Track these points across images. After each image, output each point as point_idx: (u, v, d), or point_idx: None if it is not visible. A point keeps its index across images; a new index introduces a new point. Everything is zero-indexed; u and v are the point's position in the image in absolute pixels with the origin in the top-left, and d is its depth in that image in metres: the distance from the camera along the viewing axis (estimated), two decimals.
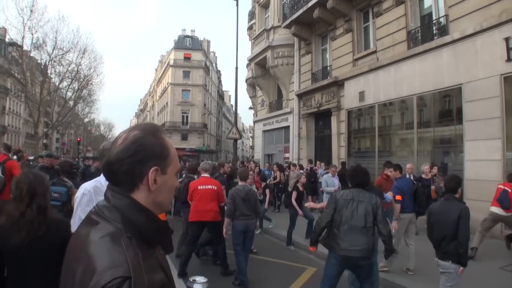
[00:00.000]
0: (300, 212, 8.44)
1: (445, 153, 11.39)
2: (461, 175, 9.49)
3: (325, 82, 16.14)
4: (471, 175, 9.62)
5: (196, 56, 60.56)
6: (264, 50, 20.71)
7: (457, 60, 10.29)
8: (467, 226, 4.16)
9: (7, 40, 33.16)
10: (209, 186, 6.61)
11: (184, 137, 56.03)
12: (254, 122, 24.59)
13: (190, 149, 52.70)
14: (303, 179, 9.06)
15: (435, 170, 9.82)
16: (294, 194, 8.58)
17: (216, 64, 70.88)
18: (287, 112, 19.78)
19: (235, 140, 18.10)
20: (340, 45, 15.70)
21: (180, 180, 7.98)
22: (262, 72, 22.26)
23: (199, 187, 6.60)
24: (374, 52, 13.75)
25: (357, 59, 14.80)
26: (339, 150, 15.37)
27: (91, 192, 2.92)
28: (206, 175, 6.84)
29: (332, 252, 4.33)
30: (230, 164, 11.02)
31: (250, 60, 22.89)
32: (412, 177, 8.92)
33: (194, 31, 63.47)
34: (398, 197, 6.41)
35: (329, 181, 10.78)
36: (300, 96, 18.24)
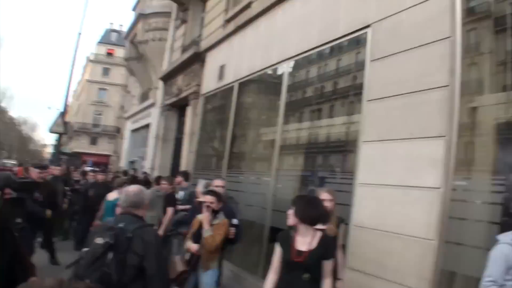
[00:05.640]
0: None
1: (328, 167, 5.88)
2: (347, 219, 4.29)
3: (185, 56, 10.70)
4: (363, 222, 4.04)
5: (121, 53, 53.92)
6: (136, 21, 15.13)
7: None
8: None
9: None
10: None
11: (93, 141, 48.74)
12: (126, 119, 18.72)
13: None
14: None
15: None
16: None
17: None
18: (150, 104, 14.11)
19: (60, 135, 12.15)
20: (214, 5, 10.39)
21: None
22: (137, 53, 16.56)
23: None
24: (250, 3, 8.44)
25: (229, 20, 9.49)
26: (188, 158, 9.78)
27: None
28: None
29: None
30: None
31: (125, 37, 17.18)
32: None
33: (122, 25, 57.39)
34: None
35: None
36: (164, 80, 12.65)
